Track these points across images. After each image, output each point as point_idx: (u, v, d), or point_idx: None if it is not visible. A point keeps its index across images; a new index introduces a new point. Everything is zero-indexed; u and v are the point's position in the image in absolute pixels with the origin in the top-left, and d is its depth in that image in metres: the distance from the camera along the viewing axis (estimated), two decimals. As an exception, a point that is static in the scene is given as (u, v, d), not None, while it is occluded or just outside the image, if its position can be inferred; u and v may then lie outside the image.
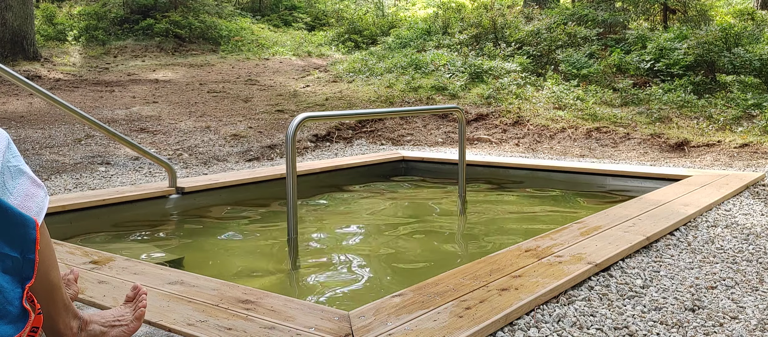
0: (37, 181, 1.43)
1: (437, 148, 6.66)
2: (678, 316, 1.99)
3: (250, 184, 4.39)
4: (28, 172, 1.42)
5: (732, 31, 8.65)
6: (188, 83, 9.71)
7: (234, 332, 1.71)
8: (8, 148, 1.39)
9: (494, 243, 3.38)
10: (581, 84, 8.59)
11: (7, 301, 1.28)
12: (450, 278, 2.17)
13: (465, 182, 4.41)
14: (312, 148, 6.63)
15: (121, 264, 2.38)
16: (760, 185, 4.34)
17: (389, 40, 12.24)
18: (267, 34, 13.98)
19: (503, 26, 10.90)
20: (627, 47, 9.63)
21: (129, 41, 12.65)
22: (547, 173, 5.05)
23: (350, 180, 5.14)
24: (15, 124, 6.76)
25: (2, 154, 1.36)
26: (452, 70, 9.41)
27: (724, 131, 6.69)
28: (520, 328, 1.85)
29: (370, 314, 1.82)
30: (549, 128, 7.23)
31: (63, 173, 4.93)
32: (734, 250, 2.76)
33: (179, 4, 13.49)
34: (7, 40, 10.42)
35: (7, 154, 1.38)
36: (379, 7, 16.11)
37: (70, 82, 9.41)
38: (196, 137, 6.51)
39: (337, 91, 9.06)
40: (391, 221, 3.96)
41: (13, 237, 1.29)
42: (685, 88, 7.99)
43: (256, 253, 3.24)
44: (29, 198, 1.38)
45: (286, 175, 3.12)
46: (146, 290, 1.71)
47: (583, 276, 2.28)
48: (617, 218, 3.12)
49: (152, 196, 3.80)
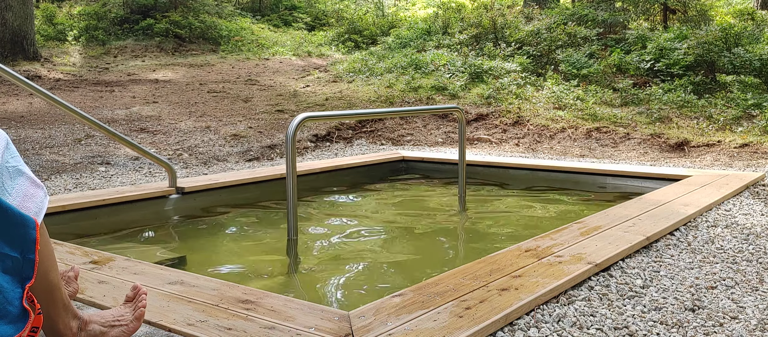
0: (37, 181, 1.43)
1: (437, 148, 6.66)
2: (678, 316, 1.99)
3: (250, 184, 4.39)
4: (28, 172, 1.42)
5: (732, 31, 8.65)
6: (188, 83, 9.71)
7: (234, 332, 1.71)
8: (7, 148, 1.39)
9: (494, 243, 3.38)
10: (581, 84, 8.59)
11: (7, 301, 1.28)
12: (450, 278, 2.17)
13: (465, 182, 4.41)
14: (312, 148, 6.63)
15: (121, 264, 2.38)
16: (760, 185, 4.34)
17: (389, 40, 12.24)
18: (267, 34, 13.98)
19: (503, 26, 10.90)
20: (627, 47, 9.63)
21: (129, 41, 12.65)
22: (547, 173, 5.05)
23: (350, 180, 5.14)
24: (15, 124, 6.76)
25: (0, 154, 1.36)
26: (452, 70, 9.41)
27: (724, 131, 6.69)
28: (520, 328, 1.85)
29: (370, 314, 1.82)
30: (549, 128, 7.23)
31: (63, 172, 4.93)
32: (734, 250, 2.76)
33: (179, 4, 13.49)
34: (7, 40, 10.42)
35: (5, 154, 1.38)
36: (379, 7, 16.10)
37: (70, 82, 9.41)
38: (196, 137, 6.51)
39: (337, 91, 9.06)
40: (391, 220, 3.96)
41: (13, 237, 1.29)
42: (685, 88, 7.99)
43: (256, 253, 3.24)
44: (28, 198, 1.38)
45: (286, 175, 3.12)
46: (146, 290, 1.71)
47: (583, 276, 2.28)
48: (617, 218, 3.12)
49: (152, 196, 3.80)
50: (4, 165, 1.37)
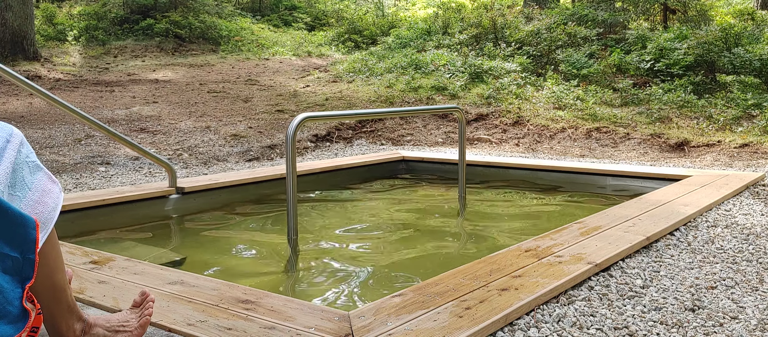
0: (53, 177, 1.44)
1: (437, 149, 6.66)
2: (678, 316, 1.99)
3: (250, 184, 4.39)
4: (44, 168, 1.43)
5: (732, 31, 8.65)
6: (188, 83, 9.71)
7: (234, 332, 1.71)
8: (23, 144, 1.40)
9: (494, 243, 3.38)
10: (581, 84, 8.59)
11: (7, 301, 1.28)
12: (450, 278, 2.17)
13: (465, 182, 4.41)
14: (312, 148, 6.63)
15: (121, 264, 2.38)
16: (760, 185, 4.34)
17: (389, 40, 12.24)
18: (267, 34, 13.97)
19: (503, 26, 10.90)
20: (627, 47, 9.63)
21: (129, 41, 12.65)
22: (547, 173, 5.05)
23: (350, 180, 5.14)
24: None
25: (16, 150, 1.37)
26: (452, 70, 9.41)
27: (724, 131, 6.69)
28: (520, 328, 1.85)
29: (370, 314, 1.82)
30: (549, 128, 7.23)
31: (63, 172, 4.93)
32: (734, 250, 2.76)
33: (179, 4, 13.49)
34: (7, 40, 10.42)
35: (24, 149, 1.39)
36: (379, 7, 16.11)
37: (70, 82, 9.41)
38: (196, 137, 6.51)
39: (337, 91, 9.06)
40: (391, 221, 3.96)
41: (13, 237, 1.29)
42: (685, 88, 7.98)
43: (256, 253, 3.24)
44: (46, 194, 1.39)
45: (286, 175, 3.12)
46: (154, 298, 1.70)
47: (583, 276, 2.28)
48: (617, 218, 3.12)
49: (152, 196, 3.80)
50: (24, 160, 1.38)
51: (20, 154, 1.38)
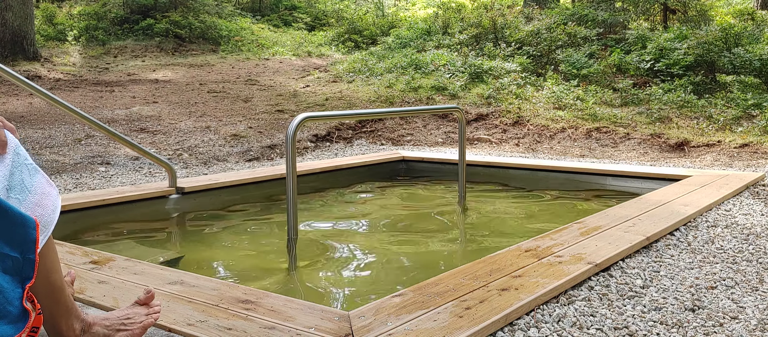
0: (49, 180, 1.45)
1: (437, 148, 6.66)
2: (678, 316, 1.99)
3: (250, 184, 4.39)
4: (42, 171, 1.44)
5: (732, 31, 8.65)
6: (188, 83, 9.71)
7: (234, 332, 1.71)
8: (19, 147, 1.41)
9: (494, 243, 3.38)
10: (581, 84, 8.59)
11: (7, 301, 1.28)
12: (450, 278, 2.17)
13: (465, 182, 4.41)
14: (312, 148, 6.63)
15: (121, 264, 2.38)
16: (760, 185, 4.34)
17: (389, 40, 12.24)
18: (267, 34, 13.97)
19: (503, 26, 10.90)
20: (627, 47, 9.63)
21: (129, 41, 12.65)
22: (547, 173, 5.05)
23: (350, 180, 5.14)
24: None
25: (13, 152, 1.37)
26: (452, 70, 9.41)
27: (724, 131, 6.69)
28: (520, 328, 1.85)
29: (370, 314, 1.82)
30: (549, 128, 7.23)
31: (63, 172, 4.93)
32: (734, 250, 2.76)
33: (179, 4, 13.49)
34: (7, 40, 10.42)
35: (21, 152, 1.40)
36: (379, 7, 16.10)
37: (70, 82, 9.41)
38: (196, 137, 6.51)
39: (337, 91, 9.06)
40: (391, 221, 3.96)
41: (13, 237, 1.29)
42: (685, 88, 7.99)
43: (256, 253, 3.24)
44: (45, 196, 1.40)
45: (286, 175, 3.12)
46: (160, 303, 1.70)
47: (583, 276, 2.28)
48: (617, 218, 3.12)
49: (152, 196, 3.80)
50: (23, 162, 1.39)
51: (18, 156, 1.38)
